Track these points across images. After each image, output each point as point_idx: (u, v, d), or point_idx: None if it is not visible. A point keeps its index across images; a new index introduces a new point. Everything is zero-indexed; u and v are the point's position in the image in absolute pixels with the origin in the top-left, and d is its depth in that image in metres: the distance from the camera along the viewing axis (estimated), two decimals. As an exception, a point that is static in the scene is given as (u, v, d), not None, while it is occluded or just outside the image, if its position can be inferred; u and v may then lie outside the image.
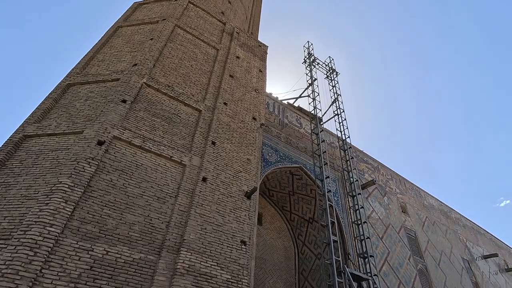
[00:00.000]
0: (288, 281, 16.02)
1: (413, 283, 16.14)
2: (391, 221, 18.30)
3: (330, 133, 19.23)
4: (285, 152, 15.50)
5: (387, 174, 21.73)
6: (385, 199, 19.37)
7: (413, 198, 22.27)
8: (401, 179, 22.83)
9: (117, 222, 6.96)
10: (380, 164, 21.83)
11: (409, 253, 17.60)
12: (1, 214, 6.45)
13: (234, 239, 8.27)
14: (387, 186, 20.59)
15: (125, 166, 7.85)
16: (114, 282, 6.26)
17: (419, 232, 19.89)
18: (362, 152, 21.01)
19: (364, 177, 19.09)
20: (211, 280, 7.26)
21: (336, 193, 16.25)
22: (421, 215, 21.51)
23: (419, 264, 17.77)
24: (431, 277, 17.76)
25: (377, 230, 16.71)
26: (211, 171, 9.11)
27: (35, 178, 7.09)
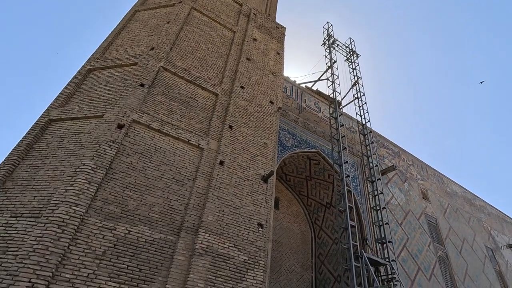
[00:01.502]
0: (304, 264, 16.20)
1: (433, 269, 15.88)
2: (411, 207, 17.90)
3: (350, 117, 18.75)
4: (303, 137, 15.30)
5: (408, 160, 21.10)
6: (406, 185, 18.90)
7: (435, 185, 21.59)
8: (422, 165, 22.12)
9: (137, 203, 7.18)
10: (401, 149, 21.18)
11: (429, 239, 17.24)
12: (31, 194, 6.80)
13: (251, 221, 8.36)
14: (408, 172, 20.04)
15: (144, 149, 8.01)
16: (136, 260, 6.52)
17: (441, 219, 19.38)
18: (382, 137, 20.42)
19: (384, 162, 18.63)
20: (229, 261, 7.43)
21: (355, 179, 15.99)
22: (443, 202, 20.89)
23: (439, 251, 17.41)
24: (452, 265, 17.40)
25: (396, 216, 16.42)
26: (228, 154, 9.15)
27: (60, 160, 7.38)
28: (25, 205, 6.58)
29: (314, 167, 16.58)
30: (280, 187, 18.06)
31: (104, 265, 6.16)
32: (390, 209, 16.30)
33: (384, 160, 18.85)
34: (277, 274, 15.03)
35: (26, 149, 7.71)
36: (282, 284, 14.90)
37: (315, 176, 16.84)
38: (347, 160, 14.12)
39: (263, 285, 7.68)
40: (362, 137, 17.28)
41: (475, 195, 25.05)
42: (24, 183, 7.06)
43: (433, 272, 15.77)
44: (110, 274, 6.12)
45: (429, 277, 15.34)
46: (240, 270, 7.44)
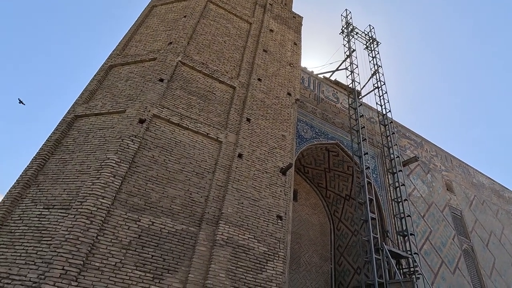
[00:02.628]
0: (323, 255, 16.19)
1: (457, 263, 15.44)
2: (434, 199, 17.37)
3: (369, 108, 18.28)
4: (321, 128, 15.11)
5: (431, 150, 20.38)
6: (429, 176, 18.32)
7: (460, 176, 20.79)
8: (447, 155, 21.32)
9: (160, 196, 7.40)
10: (424, 140, 20.48)
11: (454, 232, 16.72)
12: (61, 187, 7.16)
13: (270, 213, 8.42)
14: (431, 163, 19.39)
15: (165, 143, 8.20)
16: (160, 250, 6.77)
17: (466, 212, 18.70)
18: (404, 127, 19.80)
19: (406, 153, 18.11)
20: (249, 252, 7.55)
21: (375, 170, 15.67)
22: (468, 194, 20.12)
23: (464, 244, 16.87)
24: (478, 258, 16.83)
25: (418, 208, 16.00)
26: (247, 147, 9.20)
27: (86, 154, 7.70)
28: (56, 197, 6.95)
29: (333, 159, 16.38)
30: (298, 179, 18.01)
31: (130, 255, 6.44)
32: (412, 201, 15.90)
33: (406, 151, 18.32)
34: (296, 265, 15.13)
35: (55, 144, 8.09)
36: (301, 275, 15.00)
37: (334, 167, 16.64)
38: (367, 151, 13.84)
39: (283, 276, 7.77)
40: (382, 127, 16.84)
41: (504, 186, 23.93)
42: (54, 176, 7.44)
43: (457, 265, 15.33)
44: (136, 263, 6.40)
45: (453, 270, 14.94)
46: (260, 261, 7.56)
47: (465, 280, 15.09)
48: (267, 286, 7.30)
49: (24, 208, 6.93)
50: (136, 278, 6.25)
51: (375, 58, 18.63)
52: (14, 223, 6.69)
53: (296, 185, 17.78)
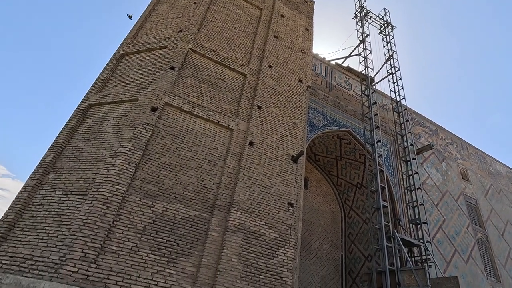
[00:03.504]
0: (334, 243, 16.28)
1: (471, 252, 15.26)
2: (448, 188, 17.06)
3: (383, 95, 17.87)
4: (333, 116, 14.91)
5: (447, 138, 19.88)
6: (443, 164, 17.94)
7: (476, 164, 20.28)
8: (463, 143, 20.76)
9: (173, 182, 7.54)
10: (439, 127, 19.97)
11: (468, 221, 16.46)
12: (78, 174, 7.39)
13: (281, 201, 8.47)
14: (446, 151, 18.95)
15: (177, 131, 8.29)
16: (174, 235, 6.95)
17: (481, 201, 18.32)
18: (418, 114, 19.32)
19: (420, 141, 17.73)
20: (260, 238, 7.66)
21: (388, 158, 15.45)
22: (484, 183, 19.65)
23: (478, 233, 16.61)
24: (493, 247, 16.58)
25: (431, 197, 15.77)
26: (258, 135, 9.20)
27: (101, 142, 7.88)
28: (73, 184, 7.18)
29: (344, 147, 16.23)
30: (309, 167, 17.97)
31: (145, 239, 6.64)
32: (425, 190, 15.66)
33: (420, 139, 17.93)
34: (306, 252, 15.29)
35: (71, 132, 8.30)
36: (311, 262, 15.18)
37: (346, 156, 16.50)
38: (380, 139, 13.62)
39: (294, 262, 7.88)
40: (396, 115, 16.48)
41: (523, 175, 23.21)
42: (71, 163, 7.66)
43: (470, 254, 15.15)
44: (151, 248, 6.60)
45: (466, 259, 14.79)
46: (271, 247, 7.67)
47: (479, 269, 14.94)
48: (278, 271, 7.43)
49: (44, 194, 7.20)
50: (152, 261, 6.46)
51: (389, 43, 18.06)
52: (35, 208, 6.97)
53: (307, 173, 17.76)
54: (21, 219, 6.84)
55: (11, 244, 6.42)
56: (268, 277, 7.25)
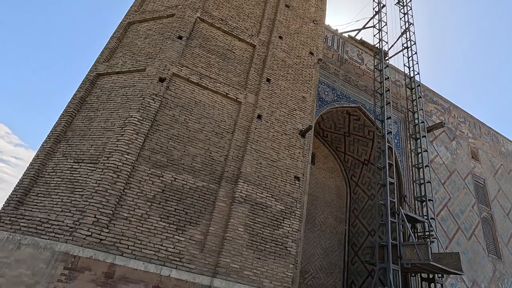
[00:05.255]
0: (338, 217, 16.59)
1: (474, 230, 15.40)
2: (457, 166, 16.91)
3: (396, 70, 17.28)
4: (343, 91, 14.58)
5: (459, 116, 19.40)
6: (453, 143, 17.66)
7: (488, 144, 19.90)
8: (476, 122, 20.26)
9: (181, 154, 7.62)
10: (452, 105, 19.42)
11: (474, 200, 16.46)
12: (88, 143, 7.51)
13: (288, 174, 8.54)
14: (458, 130, 18.56)
15: (185, 102, 8.24)
16: (182, 204, 7.14)
17: (490, 180, 18.18)
18: (431, 91, 18.75)
19: (431, 119, 17.35)
20: (266, 210, 7.83)
21: (397, 136, 15.25)
22: (495, 162, 19.39)
23: (483, 212, 16.67)
24: (497, 226, 16.68)
25: (439, 175, 15.69)
26: (266, 108, 9.10)
27: (110, 112, 7.92)
28: (84, 153, 7.33)
29: (353, 123, 16.02)
30: (316, 142, 17.91)
31: (155, 207, 6.85)
32: (433, 168, 15.56)
33: (432, 117, 17.54)
34: (311, 225, 15.66)
35: (80, 102, 8.33)
36: (315, 235, 15.58)
37: (354, 132, 16.33)
38: (390, 116, 13.36)
39: (299, 233, 8.08)
40: (408, 91, 16.03)
41: (535, 156, 22.75)
42: (81, 133, 7.77)
43: (474, 232, 15.31)
44: (160, 215, 6.82)
45: (469, 236, 14.97)
46: (277, 218, 7.85)
47: (480, 246, 15.14)
48: (283, 241, 7.65)
49: (57, 161, 7.39)
50: (161, 228, 6.70)
51: (406, 14, 17.16)
52: (48, 175, 7.19)
53: (314, 148, 17.74)
54: (35, 185, 7.09)
55: (27, 208, 6.71)
56: (273, 247, 7.48)
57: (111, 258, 5.91)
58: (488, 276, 14.64)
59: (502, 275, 15.25)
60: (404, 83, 16.63)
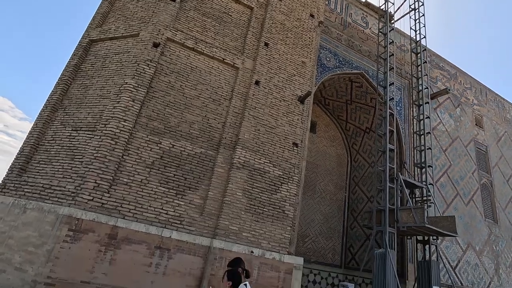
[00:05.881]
0: (338, 184, 16.85)
1: (472, 196, 15.61)
2: (459, 134, 16.77)
3: (402, 34, 16.58)
4: (345, 57, 14.13)
5: (465, 82, 18.89)
6: (458, 110, 17.37)
7: (493, 111, 19.56)
8: (482, 88, 19.76)
9: (178, 121, 7.61)
10: (459, 70, 18.84)
11: (475, 167, 16.52)
12: (85, 111, 7.50)
13: (286, 140, 8.55)
14: (463, 97, 18.17)
15: (181, 68, 8.07)
16: (181, 170, 7.25)
17: (492, 147, 18.10)
18: (438, 56, 18.11)
19: (437, 85, 16.93)
20: (264, 175, 7.94)
21: (400, 103, 15.00)
22: (498, 129, 19.17)
23: (483, 179, 16.79)
24: (495, 192, 16.88)
25: (441, 142, 15.62)
26: (264, 74, 8.90)
27: (105, 79, 7.81)
28: (82, 120, 7.34)
29: (355, 90, 15.71)
30: (318, 111, 17.74)
31: (154, 173, 6.97)
32: (435, 135, 15.46)
33: (437, 83, 17.10)
34: (311, 192, 15.96)
35: (74, 69, 8.20)
36: (315, 201, 15.94)
37: (356, 99, 16.07)
38: (393, 82, 13.04)
39: (296, 198, 8.26)
40: (414, 56, 15.48)
41: (541, 122, 22.41)
42: (78, 101, 7.73)
43: (472, 198, 15.52)
44: (160, 181, 6.96)
45: (467, 202, 15.21)
46: (275, 183, 7.98)
47: (478, 211, 15.43)
48: (281, 205, 7.84)
49: (55, 130, 7.44)
50: (161, 193, 6.87)
51: (415, -28, 16.08)
52: (48, 143, 7.28)
53: (316, 117, 17.61)
54: (36, 153, 7.20)
55: (30, 175, 6.87)
56: (271, 210, 7.69)
57: (113, 220, 6.13)
58: (484, 239, 15.07)
59: (497, 238, 15.70)
60: (409, 48, 16.03)
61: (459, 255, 13.76)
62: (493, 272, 14.73)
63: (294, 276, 7.21)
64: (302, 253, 14.74)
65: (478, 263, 14.31)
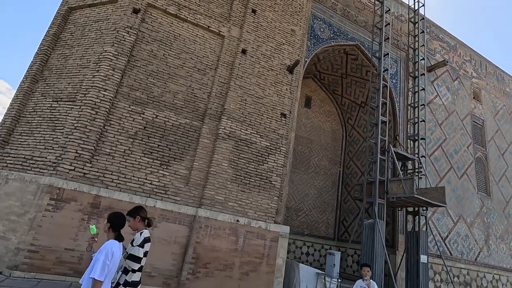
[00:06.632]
0: (333, 160, 16.85)
1: (466, 169, 15.61)
2: (456, 107, 16.52)
3: (400, 3, 15.93)
4: (340, 27, 13.63)
5: (465, 55, 18.37)
6: (455, 83, 17.02)
7: (492, 84, 19.18)
8: (482, 61, 19.26)
9: (161, 90, 7.41)
10: (459, 42, 18.27)
11: (470, 141, 16.40)
12: (66, 81, 7.29)
13: (274, 111, 8.38)
14: (462, 69, 17.74)
15: (163, 36, 7.77)
16: (165, 141, 7.15)
17: (489, 121, 17.91)
18: (437, 26, 17.49)
19: (435, 57, 16.47)
20: (251, 146, 7.84)
21: (396, 75, 14.64)
22: (497, 103, 18.89)
23: (478, 152, 16.73)
24: (490, 166, 16.87)
25: (437, 116, 15.42)
26: (251, 42, 8.59)
27: (85, 48, 7.54)
28: (62, 91, 7.16)
29: (351, 63, 15.31)
30: (313, 86, 17.42)
31: (137, 143, 6.88)
32: (431, 109, 15.23)
33: (435, 55, 16.62)
34: (305, 167, 15.99)
35: (53, 39, 7.90)
36: (310, 176, 16.00)
37: (352, 73, 15.71)
38: (388, 52, 12.65)
39: (284, 169, 8.21)
40: (411, 26, 14.94)
41: (540, 96, 22.05)
42: (58, 71, 7.51)
43: (466, 171, 15.53)
44: (143, 151, 6.88)
45: (460, 175, 15.23)
46: (262, 154, 7.91)
47: (471, 184, 15.49)
48: (268, 176, 7.80)
49: (36, 101, 7.27)
50: (145, 163, 6.81)
51: None
52: (29, 115, 7.13)
53: (311, 92, 17.32)
54: (18, 125, 7.08)
55: (13, 147, 6.79)
56: (258, 181, 7.67)
57: (96, 190, 6.11)
58: (475, 211, 15.23)
59: (489, 211, 15.87)
60: (407, 18, 15.45)
61: (450, 226, 13.95)
62: (482, 243, 15.00)
63: (280, 243, 7.30)
64: (296, 226, 14.98)
65: (469, 234, 14.55)
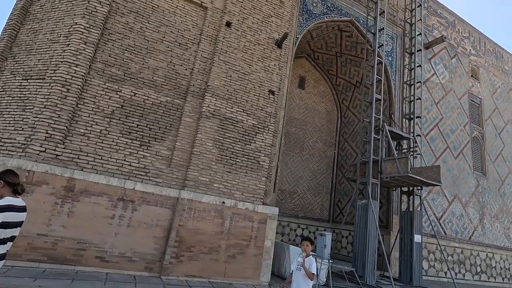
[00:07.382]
0: (327, 141, 16.52)
1: (463, 149, 15.36)
2: (454, 86, 16.09)
3: (397, -25, 15.16)
4: (334, 2, 12.97)
5: (464, 31, 17.76)
6: (453, 61, 16.50)
7: (491, 61, 18.67)
8: (481, 38, 18.67)
9: (140, 67, 6.93)
10: (457, 18, 17.61)
11: (467, 120, 16.08)
12: (35, 57, 6.77)
13: (262, 88, 7.94)
14: (460, 46, 17.17)
15: (140, 7, 7.20)
16: (145, 120, 6.73)
17: (487, 99, 17.53)
18: (436, 2, 16.80)
19: (433, 34, 15.88)
20: (237, 124, 7.45)
21: (392, 53, 14.10)
22: (495, 81, 18.45)
23: (475, 132, 16.44)
24: (486, 145, 16.63)
25: (434, 94, 15.00)
26: (236, 15, 8.03)
27: (55, 22, 6.97)
28: (32, 68, 6.65)
29: (345, 41, 14.71)
30: (307, 66, 16.86)
31: (114, 123, 6.46)
32: (428, 87, 14.80)
33: (433, 32, 16.02)
34: (299, 149, 15.67)
35: (22, 12, 7.31)
36: (304, 158, 15.70)
37: (346, 51, 15.14)
38: (384, 27, 12.08)
39: (273, 148, 7.85)
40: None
41: (539, 74, 21.59)
42: (27, 47, 6.97)
43: (462, 151, 15.28)
44: (121, 131, 6.47)
45: (456, 155, 14.99)
46: (249, 133, 7.52)
47: (467, 164, 15.28)
48: (255, 156, 7.45)
49: (5, 80, 6.77)
50: (123, 144, 6.42)
51: None
52: (-1, 95, 6.65)
53: (305, 72, 16.78)
54: (-13, 106, 6.61)
55: (-19, 129, 6.34)
56: (245, 161, 7.32)
57: (69, 172, 5.74)
58: (471, 191, 15.09)
59: (484, 190, 15.74)
60: (404, -9, 14.74)
61: (444, 206, 13.82)
62: (477, 222, 14.94)
63: (268, 225, 7.04)
64: (290, 208, 14.81)
65: (463, 214, 14.45)
